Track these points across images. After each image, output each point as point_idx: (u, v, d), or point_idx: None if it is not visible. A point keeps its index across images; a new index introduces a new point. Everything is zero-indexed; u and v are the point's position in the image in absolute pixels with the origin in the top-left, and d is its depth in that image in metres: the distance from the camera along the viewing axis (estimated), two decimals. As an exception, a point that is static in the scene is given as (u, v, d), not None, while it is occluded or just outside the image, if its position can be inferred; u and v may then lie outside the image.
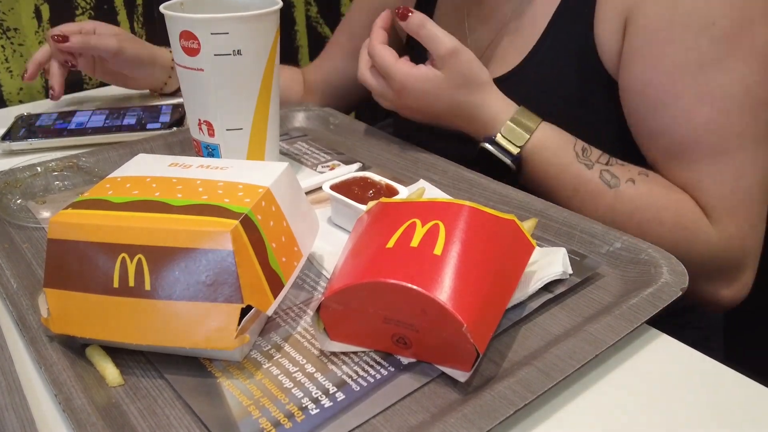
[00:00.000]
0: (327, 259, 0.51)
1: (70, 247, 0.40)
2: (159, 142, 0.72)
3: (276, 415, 0.37)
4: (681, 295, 0.45)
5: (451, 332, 0.37)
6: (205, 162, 0.47)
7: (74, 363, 0.40)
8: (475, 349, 0.37)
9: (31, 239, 0.55)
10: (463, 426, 0.34)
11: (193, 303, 0.38)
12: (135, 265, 0.38)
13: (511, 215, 0.43)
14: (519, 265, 0.43)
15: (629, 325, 0.42)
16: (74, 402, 0.37)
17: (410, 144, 0.70)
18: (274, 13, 0.59)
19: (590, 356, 0.39)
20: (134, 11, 1.04)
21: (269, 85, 0.60)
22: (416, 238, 0.40)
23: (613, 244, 0.51)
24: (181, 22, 0.56)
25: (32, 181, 0.64)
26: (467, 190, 0.61)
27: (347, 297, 0.39)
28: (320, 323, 0.41)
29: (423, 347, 0.40)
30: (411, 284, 0.37)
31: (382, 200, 0.45)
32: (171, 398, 0.38)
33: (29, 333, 0.42)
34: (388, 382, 0.39)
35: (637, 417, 0.38)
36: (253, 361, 0.41)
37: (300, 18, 1.23)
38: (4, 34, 0.94)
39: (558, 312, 0.45)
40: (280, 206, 0.44)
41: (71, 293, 0.40)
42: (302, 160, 0.70)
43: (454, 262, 0.38)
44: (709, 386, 0.40)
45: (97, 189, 0.43)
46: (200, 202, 0.41)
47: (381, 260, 0.39)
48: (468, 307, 0.37)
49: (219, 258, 0.38)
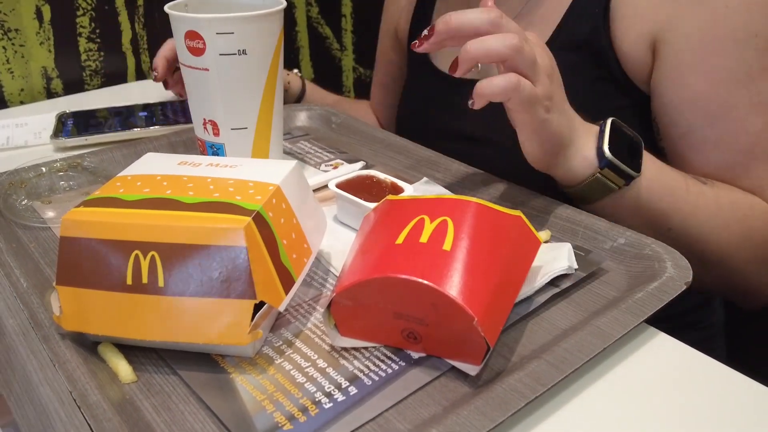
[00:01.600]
0: (334, 257, 0.52)
1: (82, 245, 0.40)
2: (163, 142, 0.72)
3: (290, 409, 0.37)
4: (686, 289, 0.45)
5: (462, 326, 0.37)
6: (214, 160, 0.47)
7: (87, 360, 0.41)
8: (485, 342, 0.37)
9: (37, 239, 0.55)
10: (475, 418, 0.35)
11: (206, 299, 0.38)
12: (148, 262, 0.39)
13: (517, 211, 0.44)
14: (526, 260, 0.43)
15: (635, 319, 0.42)
16: (89, 398, 0.37)
17: (412, 142, 0.71)
18: (279, 13, 0.59)
19: (598, 349, 0.40)
20: (135, 12, 1.04)
21: (273, 85, 0.61)
22: (425, 234, 0.41)
23: (616, 240, 0.52)
24: (187, 22, 0.57)
25: (37, 181, 0.64)
26: (470, 188, 0.62)
27: (358, 293, 0.40)
28: (331, 319, 0.42)
29: (433, 342, 0.40)
30: (421, 279, 0.37)
31: (389, 198, 0.46)
32: (185, 394, 0.39)
33: (41, 331, 0.43)
34: (399, 376, 0.39)
35: (645, 408, 0.39)
36: (265, 356, 0.41)
37: (301, 19, 1.24)
38: (5, 35, 0.94)
39: (565, 306, 0.46)
40: (290, 203, 0.44)
41: (84, 290, 0.40)
42: (305, 159, 0.71)
43: (464, 258, 0.39)
44: (711, 386, 0.41)
45: (108, 187, 0.44)
46: (212, 199, 0.41)
47: (391, 256, 0.40)
48: (478, 301, 0.37)
49: (232, 254, 0.38)
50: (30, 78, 0.98)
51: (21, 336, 0.42)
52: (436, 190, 0.61)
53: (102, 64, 1.03)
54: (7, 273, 0.49)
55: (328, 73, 1.31)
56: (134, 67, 1.07)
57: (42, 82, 0.99)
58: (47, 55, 0.98)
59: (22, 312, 0.44)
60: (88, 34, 1.01)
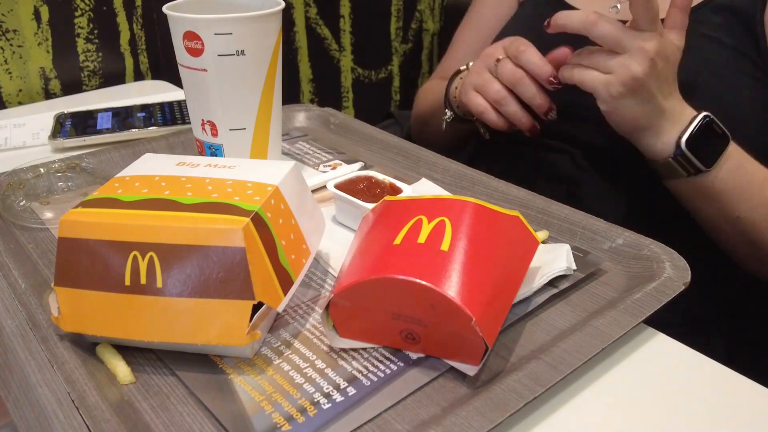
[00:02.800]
0: (333, 258, 0.52)
1: (80, 246, 0.40)
2: (161, 143, 0.72)
3: (288, 409, 0.37)
4: (684, 289, 0.45)
5: (460, 327, 0.37)
6: (212, 161, 0.47)
7: (85, 361, 0.41)
8: (484, 342, 0.37)
9: (35, 240, 0.55)
10: (474, 418, 0.35)
11: (204, 300, 0.38)
12: (147, 262, 0.38)
13: (515, 211, 0.44)
14: (524, 260, 0.43)
15: (634, 320, 0.42)
16: (88, 399, 0.37)
17: (410, 143, 0.71)
18: (278, 14, 0.59)
19: (597, 350, 0.40)
20: (133, 13, 1.04)
21: (272, 85, 0.61)
22: (423, 234, 0.41)
23: (615, 240, 0.52)
24: (185, 23, 0.57)
25: (36, 182, 0.64)
26: (469, 188, 0.62)
27: (356, 294, 0.40)
28: (329, 320, 0.42)
29: (431, 342, 0.40)
30: (419, 279, 0.37)
31: (387, 198, 0.46)
32: (183, 395, 0.38)
33: (39, 332, 0.43)
34: (398, 377, 0.39)
35: (644, 409, 0.39)
36: (263, 357, 0.41)
37: (299, 19, 1.23)
38: (3, 35, 0.94)
39: (563, 307, 0.46)
40: (289, 204, 0.44)
41: (82, 291, 0.40)
42: (304, 159, 0.71)
43: (462, 258, 0.39)
44: (710, 386, 0.41)
45: (106, 188, 0.44)
46: (210, 200, 0.41)
47: (389, 257, 0.40)
48: (476, 302, 0.37)
49: (231, 255, 0.38)
50: (28, 79, 0.98)
51: (19, 337, 0.42)
52: (435, 191, 0.61)
53: (100, 64, 1.03)
54: (6, 274, 0.49)
55: (326, 73, 1.31)
56: (132, 67, 1.06)
57: (40, 83, 0.99)
58: (45, 55, 0.98)
59: (21, 313, 0.44)
60: (87, 34, 1.01)
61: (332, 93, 1.34)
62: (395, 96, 1.44)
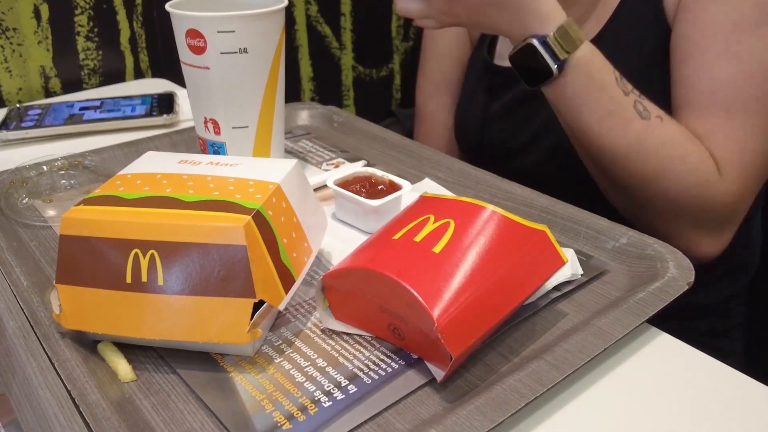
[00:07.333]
0: (335, 255, 0.52)
1: (82, 243, 0.40)
2: (164, 141, 0.72)
3: (289, 408, 0.37)
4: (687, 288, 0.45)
5: (429, 330, 0.37)
6: (214, 159, 0.47)
7: (87, 359, 0.41)
8: (448, 351, 0.36)
9: (38, 237, 0.55)
10: (475, 418, 0.35)
11: (205, 298, 0.38)
12: (148, 260, 0.38)
13: (542, 225, 0.43)
14: (537, 276, 0.42)
15: (637, 320, 0.42)
16: (89, 397, 0.37)
17: (414, 142, 0.71)
18: (280, 12, 0.59)
19: (599, 350, 0.40)
20: (133, 11, 1.04)
21: (275, 83, 0.61)
22: (422, 233, 0.41)
23: (618, 240, 0.51)
24: (188, 21, 0.57)
25: (38, 179, 0.64)
26: (472, 187, 0.61)
27: (343, 279, 0.40)
28: (325, 301, 0.42)
29: (412, 340, 0.40)
30: (395, 276, 0.37)
31: (425, 194, 0.45)
32: (184, 393, 0.38)
33: (41, 330, 0.43)
34: (399, 375, 0.39)
35: (646, 409, 0.38)
36: (264, 355, 0.41)
37: (300, 17, 1.23)
38: (3, 33, 0.94)
39: (565, 307, 0.46)
40: (291, 202, 0.44)
41: (83, 289, 0.40)
42: (307, 158, 0.70)
43: (450, 262, 0.38)
44: (712, 386, 0.41)
45: (108, 186, 0.44)
46: (212, 198, 0.41)
47: (382, 250, 0.40)
48: (448, 308, 0.36)
49: (232, 253, 0.38)
50: (28, 77, 0.98)
51: (20, 335, 0.42)
52: (436, 191, 0.61)
53: (100, 62, 1.03)
54: (8, 271, 0.49)
55: (327, 71, 1.31)
56: (132, 65, 1.06)
57: (40, 81, 0.99)
58: (45, 54, 0.98)
59: (22, 311, 0.44)
60: (87, 32, 1.00)
61: (333, 91, 1.34)
62: (396, 94, 1.44)
